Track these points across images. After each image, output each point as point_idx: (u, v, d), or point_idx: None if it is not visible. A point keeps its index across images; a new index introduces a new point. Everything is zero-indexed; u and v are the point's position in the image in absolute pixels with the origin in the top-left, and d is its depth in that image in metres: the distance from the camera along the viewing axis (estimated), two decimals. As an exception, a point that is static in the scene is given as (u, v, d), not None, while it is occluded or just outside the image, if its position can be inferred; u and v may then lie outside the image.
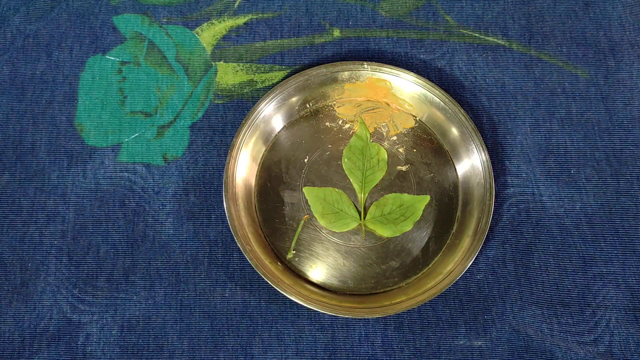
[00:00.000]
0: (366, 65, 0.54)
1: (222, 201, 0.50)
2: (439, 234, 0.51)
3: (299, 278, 0.50)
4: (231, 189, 0.50)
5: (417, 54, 0.57)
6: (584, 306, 0.50)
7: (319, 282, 0.50)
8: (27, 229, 0.51)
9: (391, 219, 0.51)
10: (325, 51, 0.57)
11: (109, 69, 0.56)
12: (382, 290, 0.50)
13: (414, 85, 0.53)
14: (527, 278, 0.50)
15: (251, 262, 0.48)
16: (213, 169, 0.53)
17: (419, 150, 0.54)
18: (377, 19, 0.58)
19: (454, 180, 0.53)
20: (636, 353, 0.48)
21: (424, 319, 0.49)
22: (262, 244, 0.50)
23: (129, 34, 0.57)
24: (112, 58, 0.56)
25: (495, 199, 0.51)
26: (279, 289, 0.47)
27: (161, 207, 0.52)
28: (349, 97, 0.55)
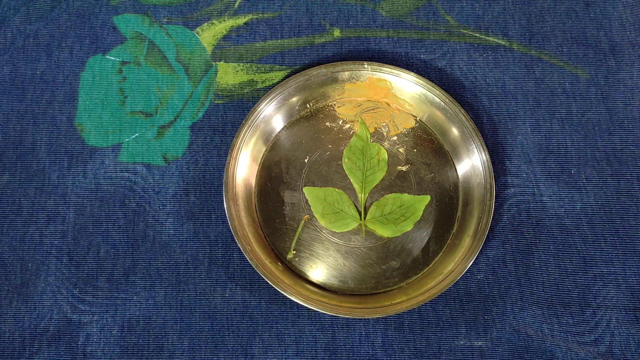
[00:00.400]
0: (366, 65, 0.54)
1: (223, 201, 0.50)
2: (439, 234, 0.51)
3: (299, 278, 0.50)
4: (231, 189, 0.50)
5: (418, 54, 0.57)
6: (585, 306, 0.50)
7: (319, 282, 0.50)
8: (28, 229, 0.51)
9: (391, 219, 0.51)
10: (326, 51, 0.57)
11: (109, 69, 0.56)
12: (382, 291, 0.50)
13: (414, 85, 0.53)
14: (528, 278, 0.50)
15: (251, 262, 0.48)
16: (213, 169, 0.53)
17: (419, 151, 0.54)
18: (377, 19, 0.58)
19: (454, 180, 0.53)
20: (636, 353, 0.48)
21: (424, 319, 0.49)
22: (263, 244, 0.50)
23: (129, 34, 0.57)
24: (112, 58, 0.56)
25: (496, 199, 0.51)
26: (279, 289, 0.47)
27: (161, 207, 0.52)
28: (349, 97, 0.55)
